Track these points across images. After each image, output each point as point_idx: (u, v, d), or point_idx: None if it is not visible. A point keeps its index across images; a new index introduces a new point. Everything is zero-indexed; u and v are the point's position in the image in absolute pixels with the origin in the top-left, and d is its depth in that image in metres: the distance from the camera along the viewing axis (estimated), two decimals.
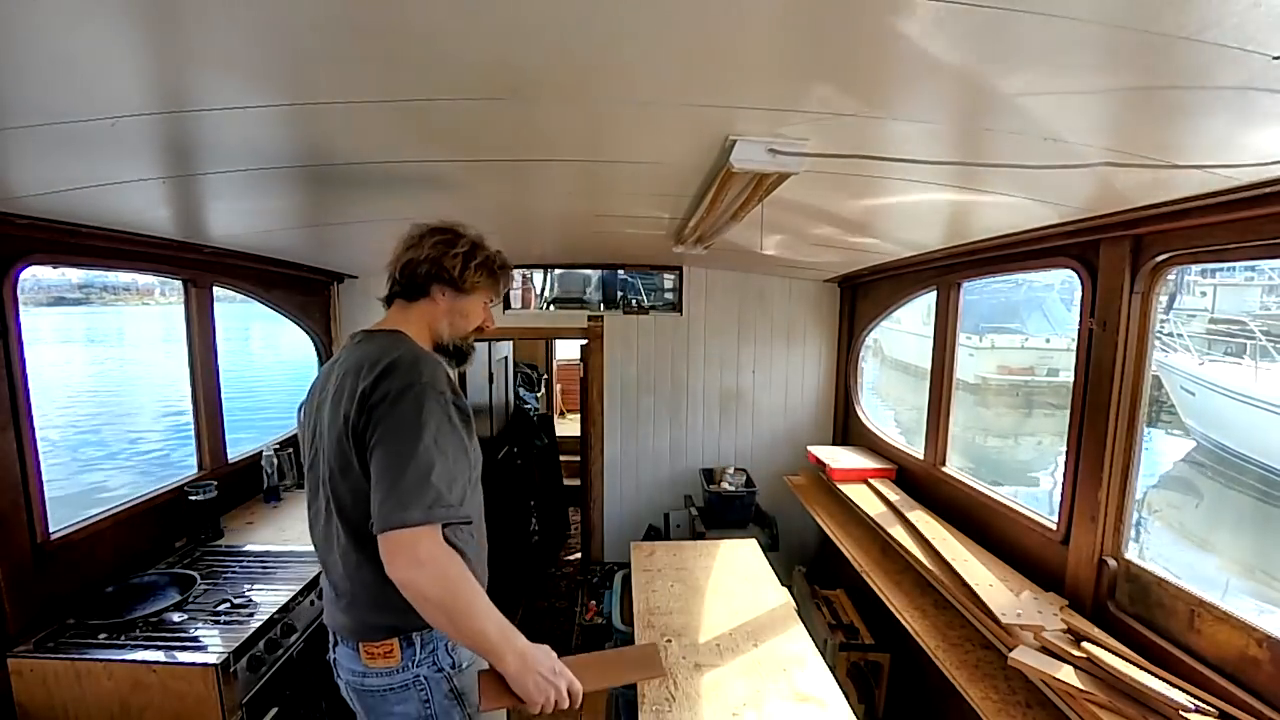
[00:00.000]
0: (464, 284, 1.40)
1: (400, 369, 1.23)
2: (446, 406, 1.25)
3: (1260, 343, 7.85)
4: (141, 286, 30.33)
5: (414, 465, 1.17)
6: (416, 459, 1.17)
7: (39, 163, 1.33)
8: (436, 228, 1.42)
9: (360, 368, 1.26)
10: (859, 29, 0.87)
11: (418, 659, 1.32)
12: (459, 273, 1.39)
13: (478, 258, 1.41)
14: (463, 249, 1.40)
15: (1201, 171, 1.24)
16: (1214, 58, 0.82)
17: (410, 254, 1.40)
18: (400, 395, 1.20)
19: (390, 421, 1.20)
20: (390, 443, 1.19)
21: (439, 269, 1.38)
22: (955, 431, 2.79)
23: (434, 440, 1.19)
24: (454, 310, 1.43)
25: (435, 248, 1.39)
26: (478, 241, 1.44)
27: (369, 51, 0.94)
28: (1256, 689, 1.36)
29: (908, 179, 1.59)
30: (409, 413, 1.20)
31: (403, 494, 1.15)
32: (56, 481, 1.87)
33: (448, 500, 1.19)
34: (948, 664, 1.88)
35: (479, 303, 1.47)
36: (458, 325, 1.45)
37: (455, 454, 1.24)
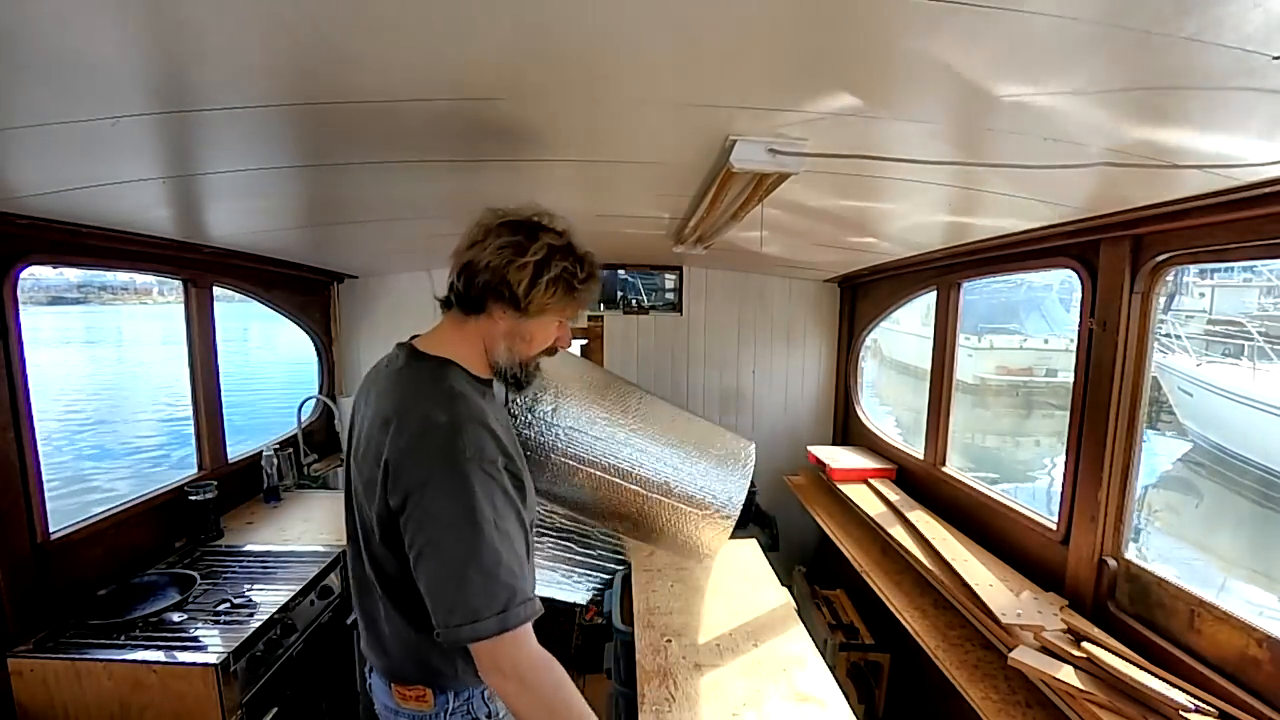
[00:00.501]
0: (529, 306, 1.12)
1: (436, 440, 1.02)
2: (500, 478, 1.04)
3: (1258, 344, 7.85)
4: (139, 286, 30.30)
5: (476, 568, 0.98)
6: (479, 560, 0.98)
7: (39, 163, 1.33)
8: (509, 221, 1.14)
9: (390, 419, 1.06)
10: (859, 29, 0.87)
11: (451, 708, 1.20)
12: (524, 291, 1.11)
13: (551, 271, 1.11)
14: (534, 258, 1.10)
15: (1201, 171, 1.24)
16: (1214, 58, 0.82)
17: (472, 253, 1.12)
18: (443, 481, 1.00)
19: (435, 519, 1.00)
20: (442, 545, 0.99)
21: (500, 282, 1.10)
22: (954, 432, 2.79)
23: (494, 529, 1.00)
24: (515, 333, 1.17)
25: (500, 253, 1.10)
26: (557, 245, 1.14)
27: (369, 51, 0.94)
28: (1256, 689, 1.36)
29: (908, 179, 1.59)
30: (457, 506, 1.00)
31: (470, 606, 0.97)
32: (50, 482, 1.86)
33: (522, 594, 1.01)
34: (948, 664, 1.88)
35: (549, 324, 1.20)
36: (518, 350, 1.19)
37: (516, 532, 1.05)
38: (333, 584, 2.25)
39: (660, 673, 1.74)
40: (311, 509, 2.74)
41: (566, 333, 1.26)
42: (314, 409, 3.49)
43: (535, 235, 1.13)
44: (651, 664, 1.78)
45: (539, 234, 1.13)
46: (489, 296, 1.13)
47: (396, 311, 3.69)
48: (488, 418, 1.09)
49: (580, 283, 1.17)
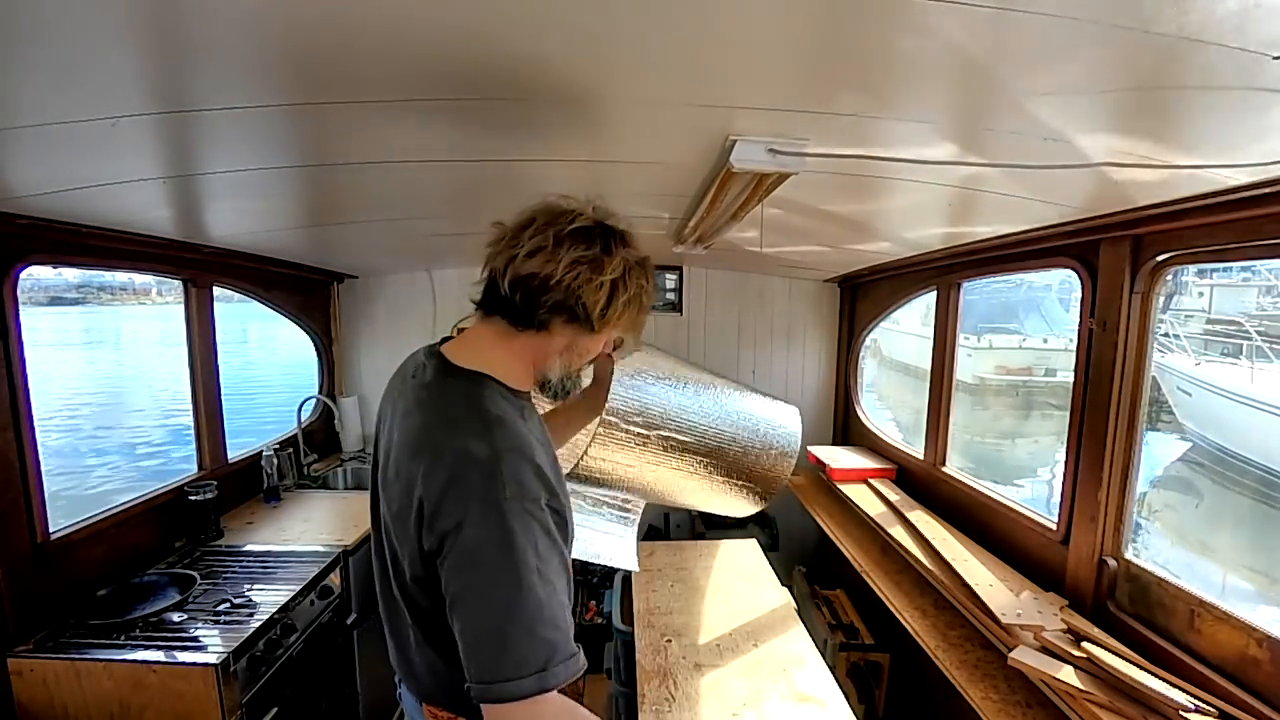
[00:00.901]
0: (600, 325, 1.04)
1: (473, 478, 0.92)
2: (544, 517, 0.94)
3: (1256, 343, 7.86)
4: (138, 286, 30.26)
5: (517, 622, 0.88)
6: (520, 613, 0.88)
7: (39, 163, 1.33)
8: (580, 229, 1.01)
9: (420, 451, 0.97)
10: (859, 29, 0.87)
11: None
12: (600, 311, 1.01)
13: (628, 291, 1.04)
14: (611, 275, 1.01)
15: (1201, 171, 1.24)
16: (1214, 58, 0.82)
17: (535, 265, 0.99)
18: (480, 523, 0.90)
19: (474, 566, 0.90)
20: (480, 594, 0.90)
21: (574, 302, 1.00)
22: (954, 432, 2.79)
23: (537, 576, 0.89)
24: (572, 348, 1.08)
25: (574, 270, 0.98)
26: (631, 263, 1.05)
27: (368, 51, 0.94)
28: (1256, 689, 1.36)
29: (908, 179, 1.59)
30: (496, 552, 0.89)
31: (507, 661, 0.87)
32: None
33: (564, 649, 0.91)
34: (948, 664, 1.88)
35: (603, 339, 1.12)
36: (571, 364, 1.11)
37: (559, 577, 0.95)
38: (333, 584, 2.25)
39: (660, 673, 1.74)
40: (311, 509, 2.74)
41: (612, 342, 1.23)
42: (314, 409, 3.49)
43: (610, 248, 1.03)
44: (651, 664, 1.78)
45: (613, 246, 1.03)
46: (557, 315, 1.01)
47: (396, 311, 3.69)
48: (529, 445, 0.98)
49: (649, 296, 1.10)
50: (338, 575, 2.29)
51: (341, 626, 2.32)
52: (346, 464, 3.44)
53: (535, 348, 1.06)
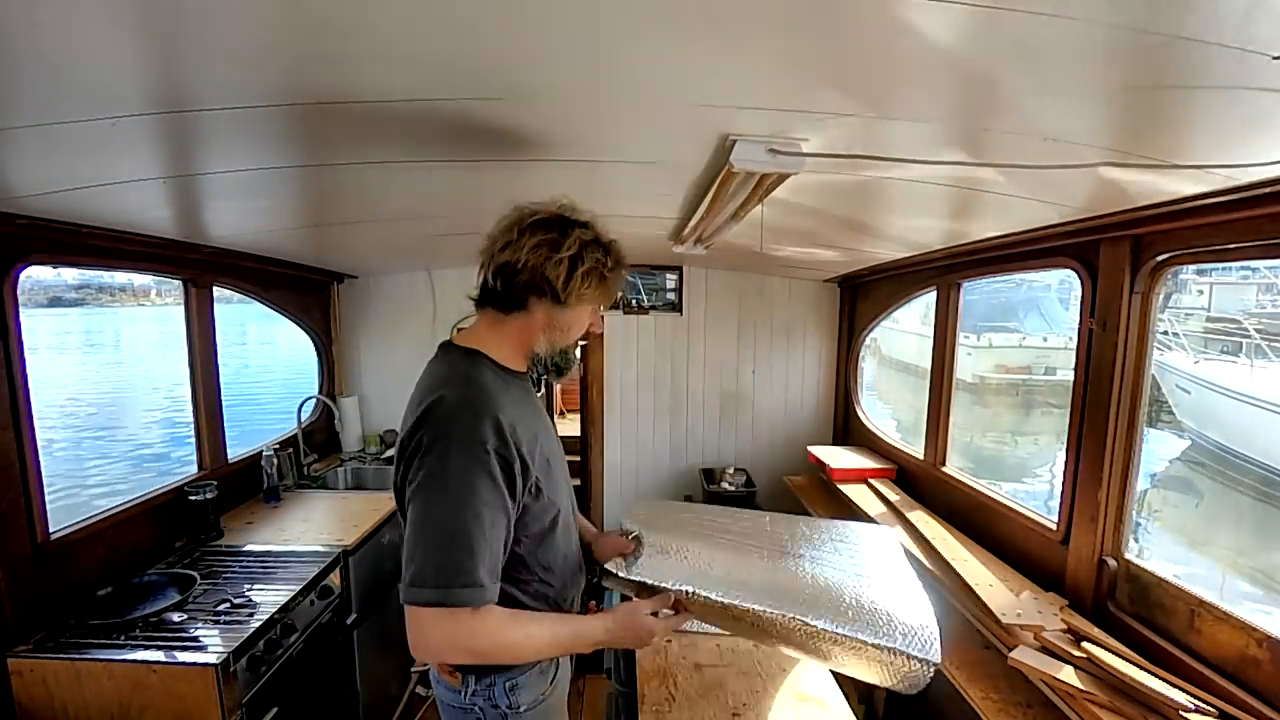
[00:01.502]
0: (567, 298, 1.18)
1: (436, 415, 1.07)
2: (487, 461, 1.06)
3: (1255, 341, 7.86)
4: (138, 287, 30.29)
5: (436, 538, 1.03)
6: (440, 531, 1.03)
7: (39, 163, 1.33)
8: (540, 219, 1.19)
9: (412, 401, 1.15)
10: (859, 29, 0.87)
11: (474, 689, 1.23)
12: (562, 284, 1.17)
13: (585, 263, 1.18)
14: (568, 253, 1.16)
15: (1201, 171, 1.24)
16: (1214, 58, 0.82)
17: (506, 255, 1.17)
18: (429, 453, 1.05)
19: (418, 479, 1.06)
20: (416, 505, 1.05)
21: (539, 279, 1.17)
22: (953, 432, 2.79)
23: (467, 507, 1.04)
24: (553, 324, 1.23)
25: (536, 252, 1.16)
26: (587, 240, 1.20)
27: (368, 51, 0.94)
28: (1256, 689, 1.36)
29: (908, 179, 1.59)
30: (435, 478, 1.04)
31: (419, 567, 1.02)
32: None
33: (471, 577, 1.02)
34: (948, 664, 1.88)
35: (585, 313, 1.27)
36: (557, 340, 1.25)
37: (492, 514, 1.07)
38: (333, 584, 2.25)
39: (660, 673, 1.74)
40: (311, 509, 2.74)
41: (599, 319, 1.33)
42: (314, 409, 3.49)
43: (567, 231, 1.19)
44: (651, 664, 1.78)
45: (570, 229, 1.19)
46: (529, 294, 1.19)
47: (396, 311, 3.69)
48: (495, 401, 1.11)
49: (610, 271, 1.24)
50: (338, 575, 2.29)
51: (341, 626, 2.32)
52: (346, 464, 3.44)
53: (521, 328, 1.23)
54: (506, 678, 1.23)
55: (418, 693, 3.03)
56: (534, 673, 1.26)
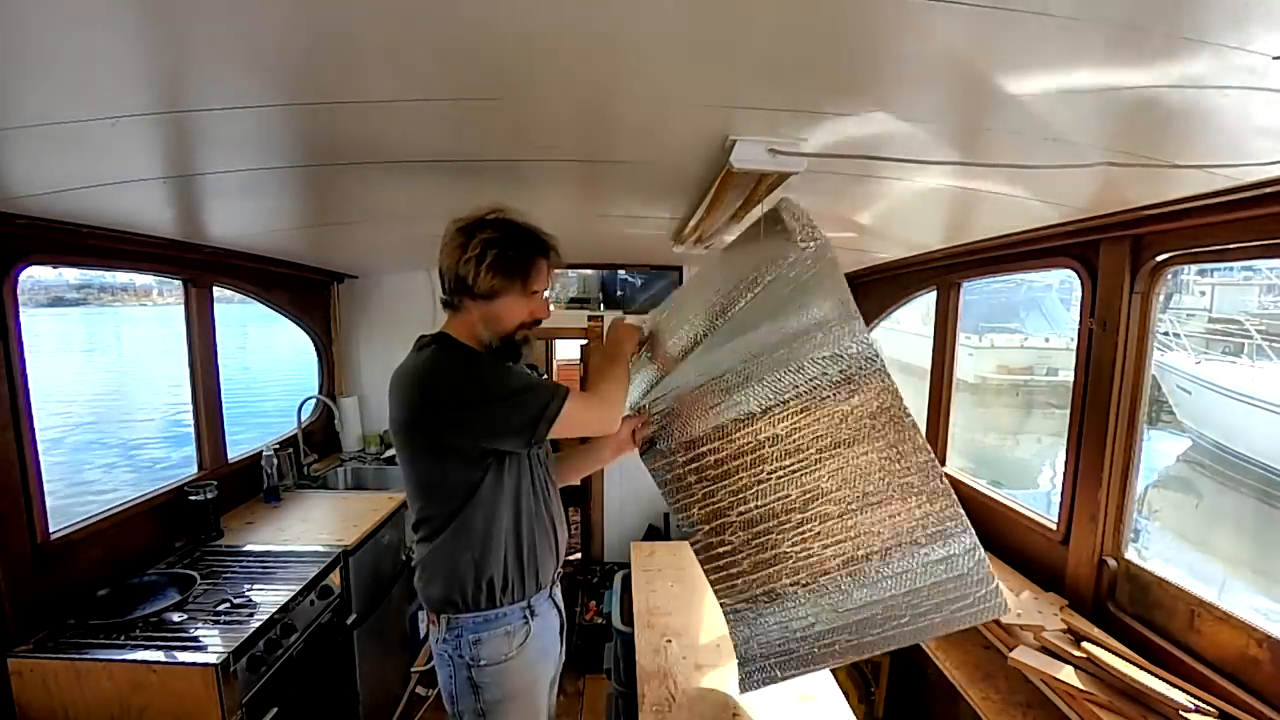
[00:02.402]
0: (480, 290, 1.35)
1: (424, 363, 1.38)
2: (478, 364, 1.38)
3: (1257, 342, 7.86)
4: (139, 287, 30.28)
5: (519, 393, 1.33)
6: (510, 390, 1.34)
7: (39, 163, 1.33)
8: (461, 226, 1.38)
9: (396, 381, 1.41)
10: (859, 28, 0.87)
11: (444, 636, 1.41)
12: (471, 280, 1.34)
13: (487, 259, 1.33)
14: (472, 253, 1.33)
15: (1201, 171, 1.24)
16: (1214, 58, 0.82)
17: (440, 260, 1.40)
18: (399, 406, 1.37)
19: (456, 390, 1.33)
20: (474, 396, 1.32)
21: (455, 278, 1.37)
22: (954, 432, 2.79)
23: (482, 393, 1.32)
24: (486, 315, 1.40)
25: (451, 254, 1.36)
26: (492, 236, 1.35)
27: (368, 51, 0.94)
28: (1256, 689, 1.36)
29: (908, 179, 1.59)
30: (472, 373, 1.35)
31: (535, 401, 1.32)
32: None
33: (545, 396, 1.34)
34: (948, 664, 1.88)
35: (511, 302, 1.40)
36: (493, 327, 1.41)
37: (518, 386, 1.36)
38: (333, 584, 2.25)
39: (660, 673, 1.74)
40: (311, 509, 2.74)
41: (539, 304, 1.45)
42: (314, 409, 3.49)
43: (473, 233, 1.35)
44: (651, 664, 1.78)
45: (476, 231, 1.35)
46: (456, 292, 1.39)
47: (396, 311, 3.69)
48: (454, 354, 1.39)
49: (518, 261, 1.37)
50: (338, 575, 2.29)
51: (341, 626, 2.32)
52: (346, 464, 3.44)
53: (465, 322, 1.42)
54: (472, 632, 1.38)
55: (417, 693, 3.03)
56: (498, 633, 1.39)
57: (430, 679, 3.13)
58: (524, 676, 1.44)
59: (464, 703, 1.42)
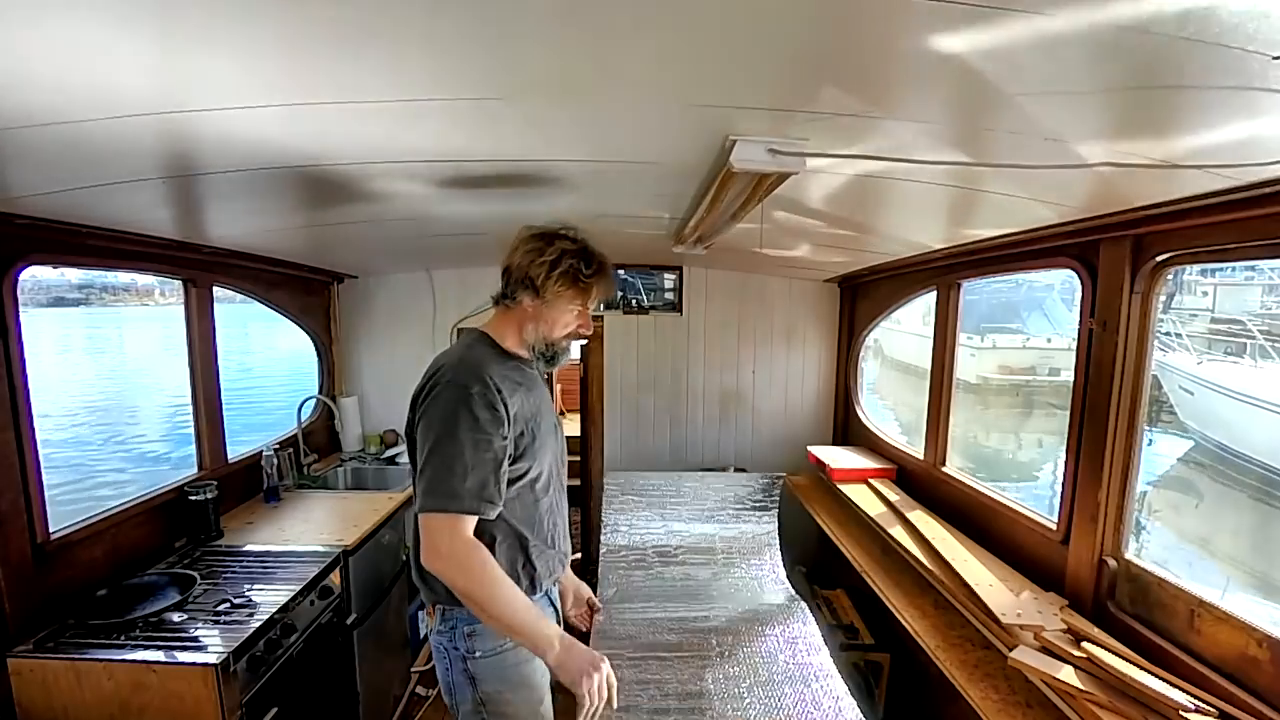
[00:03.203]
0: (544, 293, 1.44)
1: (437, 372, 1.38)
2: (472, 403, 1.32)
3: (1259, 342, 7.84)
4: (141, 287, 30.30)
5: (434, 459, 1.30)
6: (436, 453, 1.30)
7: (39, 163, 1.33)
8: (536, 233, 1.47)
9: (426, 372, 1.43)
10: (859, 29, 0.87)
11: (440, 627, 1.45)
12: (540, 281, 1.43)
13: (561, 266, 1.43)
14: (549, 257, 1.43)
15: (1201, 171, 1.24)
16: (1214, 58, 0.82)
17: (507, 259, 1.48)
18: (430, 395, 1.35)
19: (423, 419, 1.35)
20: (421, 437, 1.34)
21: (525, 276, 1.45)
22: (956, 432, 2.79)
23: (457, 439, 1.30)
24: (539, 317, 1.48)
25: (525, 255, 1.45)
26: (569, 248, 1.45)
27: (369, 52, 0.94)
28: (1256, 689, 1.36)
29: (908, 179, 1.59)
30: (434, 411, 1.33)
31: (425, 484, 1.30)
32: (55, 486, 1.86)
33: (462, 491, 1.28)
34: (948, 664, 1.88)
35: (565, 310, 1.49)
36: (542, 331, 1.49)
37: (479, 445, 1.31)
38: (333, 584, 2.25)
39: None
40: (311, 509, 2.74)
41: (586, 321, 1.54)
42: (314, 409, 3.49)
43: (552, 241, 1.45)
44: None
45: (555, 240, 1.45)
46: (517, 289, 1.46)
47: (396, 311, 3.69)
48: (486, 366, 1.39)
49: (586, 276, 1.46)
50: (338, 575, 2.29)
51: (341, 626, 2.32)
52: (346, 464, 3.44)
53: (514, 318, 1.50)
54: (466, 623, 1.41)
55: (417, 693, 3.03)
56: None
57: (430, 679, 3.13)
58: (520, 669, 1.45)
59: (461, 694, 1.45)
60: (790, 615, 1.75)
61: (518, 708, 1.46)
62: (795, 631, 1.85)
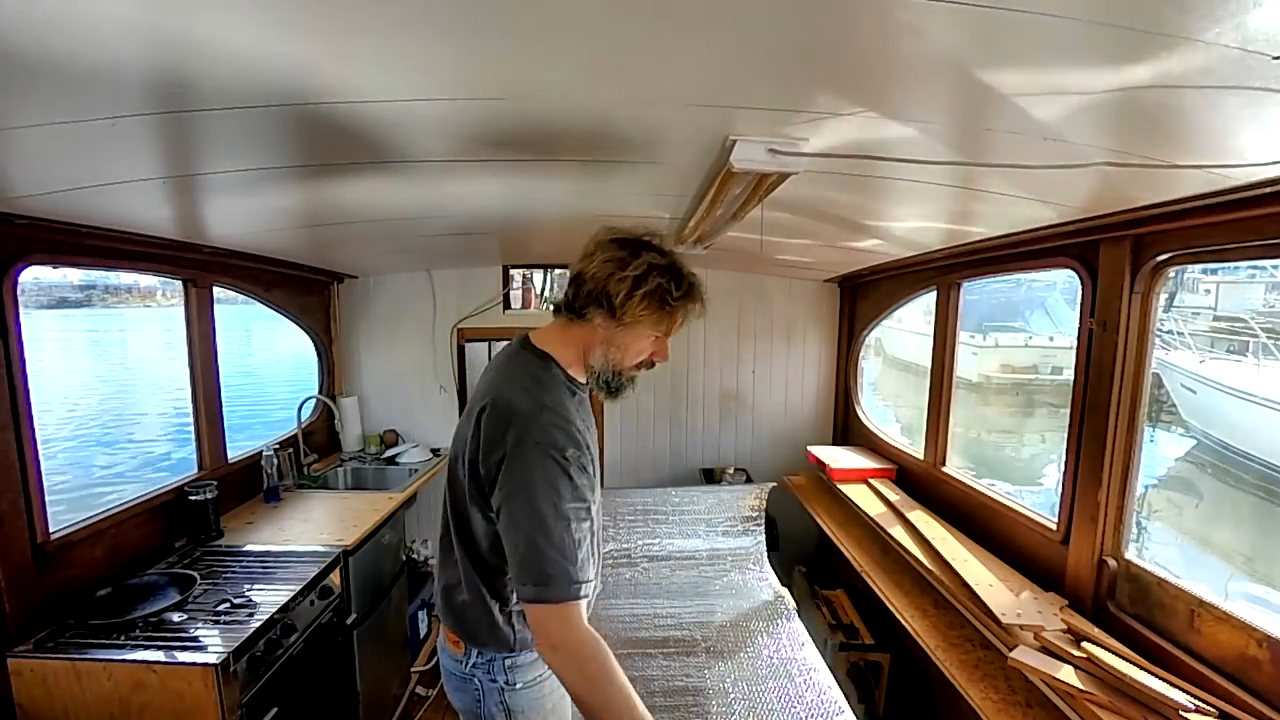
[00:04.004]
0: (623, 314, 1.21)
1: (518, 422, 1.15)
2: (567, 466, 1.14)
3: (1262, 340, 7.82)
4: (143, 288, 30.31)
5: (532, 541, 1.11)
6: (535, 535, 1.11)
7: (39, 163, 1.33)
8: (619, 238, 1.25)
9: (486, 402, 1.20)
10: (859, 29, 0.87)
11: (475, 661, 1.32)
12: (620, 301, 1.20)
13: (648, 285, 1.20)
14: (634, 272, 1.20)
15: (1201, 171, 1.24)
16: (1214, 58, 0.82)
17: (581, 265, 1.26)
18: (517, 460, 1.13)
19: (510, 487, 1.13)
20: (514, 513, 1.13)
21: (601, 291, 1.21)
22: (959, 431, 2.78)
23: (553, 509, 1.12)
24: (611, 341, 1.26)
25: (605, 265, 1.22)
26: (658, 263, 1.23)
27: (369, 52, 0.94)
28: (1256, 689, 1.36)
29: (908, 179, 1.58)
30: (525, 483, 1.12)
31: (531, 571, 1.11)
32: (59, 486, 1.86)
33: (568, 575, 1.11)
34: (948, 664, 1.88)
35: (642, 336, 1.27)
36: (613, 358, 1.28)
37: (575, 517, 1.14)
38: (333, 584, 2.26)
39: None
40: (311, 509, 2.74)
41: (664, 348, 1.33)
42: (314, 409, 3.49)
43: (639, 252, 1.22)
44: None
45: (642, 251, 1.23)
46: (590, 304, 1.23)
47: (396, 311, 3.70)
48: (567, 411, 1.21)
49: (675, 299, 1.24)
50: (338, 575, 2.30)
51: (341, 626, 2.32)
52: (346, 464, 3.44)
53: (582, 338, 1.28)
54: (506, 656, 1.30)
55: (417, 693, 3.03)
56: (531, 658, 1.32)
57: (430, 679, 3.14)
58: (554, 696, 1.37)
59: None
60: (776, 612, 1.76)
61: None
62: (780, 628, 1.85)
